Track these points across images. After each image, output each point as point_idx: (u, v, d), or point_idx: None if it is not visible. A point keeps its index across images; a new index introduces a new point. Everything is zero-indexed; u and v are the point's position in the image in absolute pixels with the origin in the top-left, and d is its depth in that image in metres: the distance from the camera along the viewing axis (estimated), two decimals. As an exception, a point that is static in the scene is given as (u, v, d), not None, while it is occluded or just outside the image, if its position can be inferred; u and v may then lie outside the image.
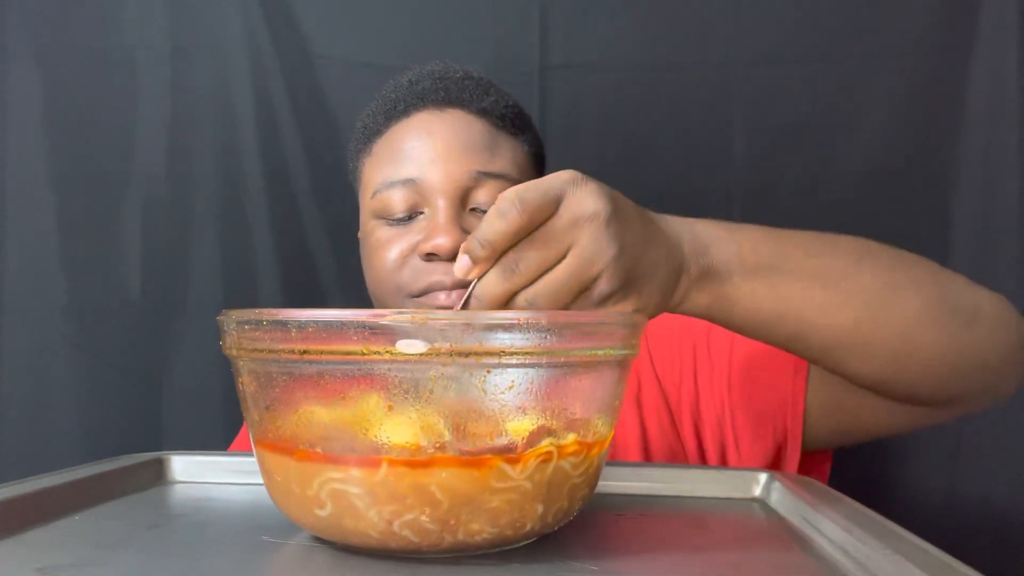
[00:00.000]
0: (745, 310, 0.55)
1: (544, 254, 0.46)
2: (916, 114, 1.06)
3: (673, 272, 0.52)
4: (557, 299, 0.47)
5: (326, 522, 0.42)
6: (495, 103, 0.79)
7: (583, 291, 0.47)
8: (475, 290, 0.47)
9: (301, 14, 1.13)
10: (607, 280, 0.47)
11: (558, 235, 0.47)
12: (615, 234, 0.47)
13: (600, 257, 0.47)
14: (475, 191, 0.74)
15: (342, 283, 1.13)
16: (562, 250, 0.47)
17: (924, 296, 0.58)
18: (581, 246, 0.47)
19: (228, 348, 0.45)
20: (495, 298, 0.47)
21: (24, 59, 1.10)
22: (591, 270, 0.47)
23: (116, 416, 1.10)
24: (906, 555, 0.39)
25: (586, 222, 0.47)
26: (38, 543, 0.46)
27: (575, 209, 0.47)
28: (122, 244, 1.11)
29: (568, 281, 0.47)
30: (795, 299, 0.55)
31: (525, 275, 0.46)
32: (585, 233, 0.47)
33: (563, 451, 0.42)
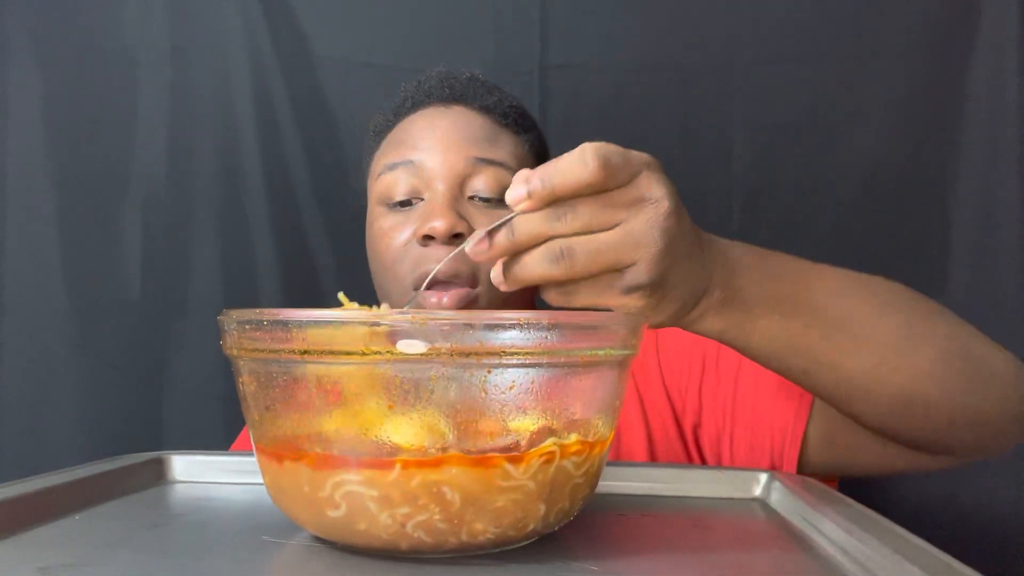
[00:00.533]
0: (759, 341, 0.55)
1: (598, 216, 0.45)
2: (916, 114, 1.06)
3: (698, 291, 0.51)
4: (590, 261, 0.45)
5: (338, 523, 0.42)
6: (498, 102, 0.82)
7: (615, 270, 0.46)
8: (513, 222, 0.46)
9: (301, 14, 1.13)
10: (644, 270, 0.46)
11: (618, 205, 0.46)
12: (668, 230, 0.46)
13: (647, 244, 0.46)
14: (473, 178, 0.76)
15: (342, 283, 1.13)
16: (614, 221, 0.46)
17: (938, 349, 0.58)
18: (634, 225, 0.46)
19: (228, 348, 0.45)
20: (530, 235, 0.46)
21: (24, 59, 1.10)
22: (633, 253, 0.46)
23: (116, 416, 1.10)
24: (906, 555, 0.39)
25: (649, 206, 0.46)
26: (38, 543, 0.46)
27: (644, 189, 0.46)
28: (122, 244, 1.11)
29: (608, 251, 0.46)
30: (812, 338, 0.55)
31: (570, 227, 0.45)
32: (643, 216, 0.46)
33: (566, 451, 0.42)
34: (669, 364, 0.79)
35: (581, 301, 0.47)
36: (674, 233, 0.47)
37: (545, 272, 0.46)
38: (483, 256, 0.47)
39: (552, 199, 0.45)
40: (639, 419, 0.78)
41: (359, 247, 0.90)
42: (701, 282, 0.51)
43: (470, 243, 0.47)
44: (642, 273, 0.46)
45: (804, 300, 0.55)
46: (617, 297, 0.47)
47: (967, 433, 0.60)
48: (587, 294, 0.47)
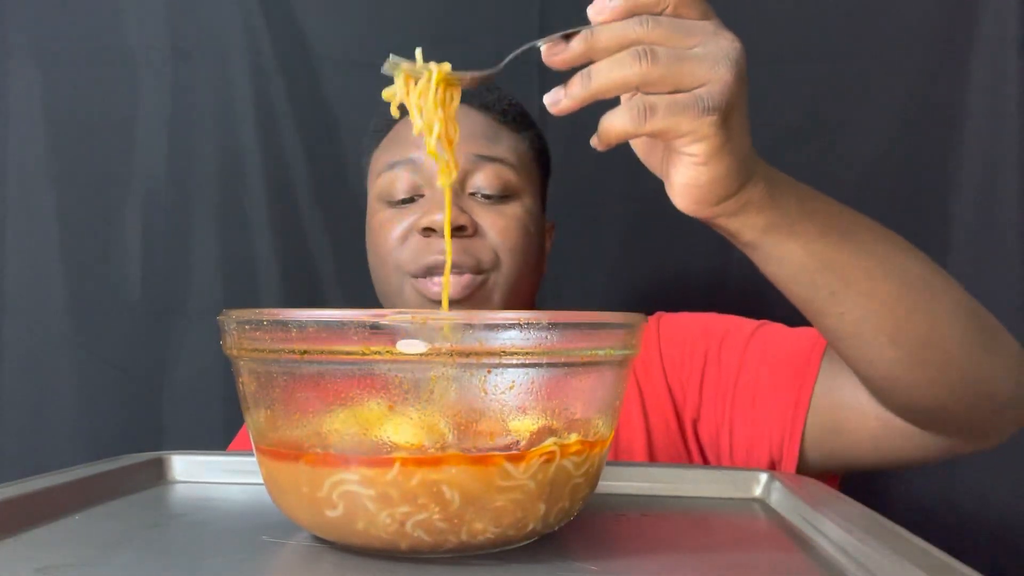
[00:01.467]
0: (795, 248, 0.54)
1: (678, 31, 0.45)
2: (916, 114, 1.05)
3: (747, 167, 0.50)
4: (671, 64, 0.45)
5: (337, 523, 0.42)
6: (497, 100, 0.83)
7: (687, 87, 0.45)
8: (592, 27, 0.46)
9: (301, 14, 1.12)
10: (719, 91, 0.45)
11: (695, 31, 0.46)
12: (740, 63, 0.47)
13: (724, 67, 0.46)
14: (474, 175, 0.78)
15: (342, 283, 1.13)
16: (693, 42, 0.46)
17: (960, 303, 0.58)
18: (712, 48, 0.46)
19: (228, 348, 0.45)
20: (611, 37, 0.45)
21: (24, 59, 1.10)
22: (710, 72, 0.45)
23: (116, 416, 1.10)
24: (906, 555, 0.39)
25: (725, 38, 0.46)
26: (38, 543, 0.46)
27: (719, 26, 0.47)
28: (122, 244, 1.11)
29: (688, 63, 0.45)
30: (844, 256, 0.55)
31: (651, 33, 0.45)
32: (721, 42, 0.46)
33: (566, 450, 0.42)
34: (671, 356, 0.79)
35: (657, 121, 0.46)
36: (743, 71, 0.47)
37: (623, 73, 0.45)
38: (558, 58, 0.47)
39: (633, 12, 0.45)
40: (639, 414, 0.78)
41: (359, 247, 0.90)
42: (749, 161, 0.50)
43: (544, 44, 0.47)
44: (717, 92, 0.46)
45: (837, 222, 0.55)
46: (692, 118, 0.46)
47: (973, 400, 0.60)
48: (665, 111, 0.45)
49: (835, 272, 0.55)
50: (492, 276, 0.77)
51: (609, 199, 1.12)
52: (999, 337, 0.60)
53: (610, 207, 1.12)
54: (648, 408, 0.78)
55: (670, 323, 0.82)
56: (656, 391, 0.79)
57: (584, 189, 1.10)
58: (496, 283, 0.78)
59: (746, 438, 0.72)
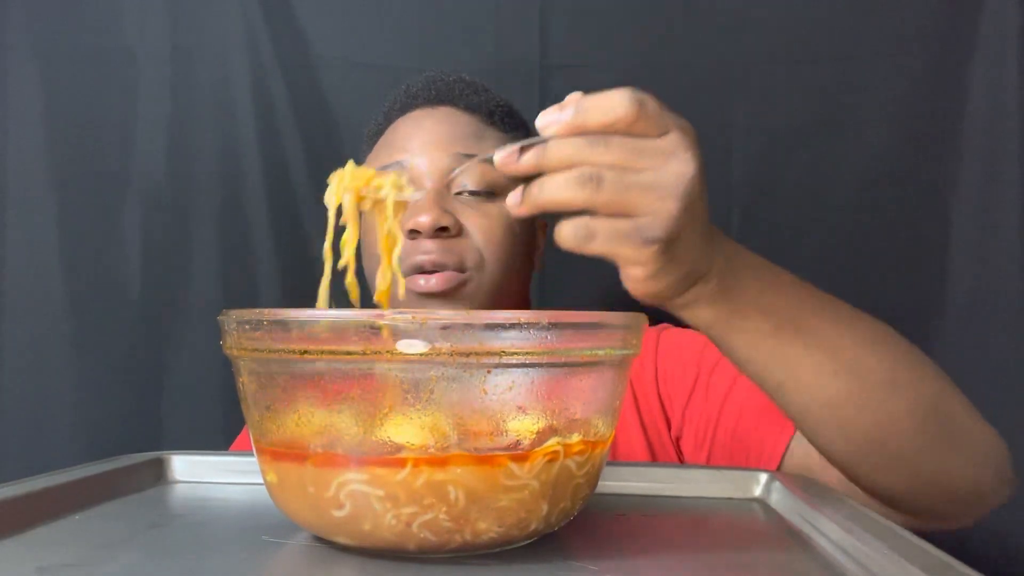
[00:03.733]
0: (742, 343, 0.55)
1: (629, 155, 0.45)
2: (916, 114, 1.05)
3: (698, 271, 0.51)
4: (615, 193, 0.45)
5: (342, 523, 0.42)
6: (484, 101, 0.84)
7: (632, 216, 0.46)
8: (546, 143, 0.46)
9: (301, 14, 1.12)
10: (662, 223, 0.46)
11: (647, 153, 0.46)
12: (691, 192, 0.46)
13: (670, 198, 0.46)
14: (460, 175, 0.78)
15: (342, 283, 1.13)
16: (643, 166, 0.45)
17: (917, 401, 0.57)
18: (661, 176, 0.46)
19: (229, 348, 0.45)
20: (561, 157, 0.46)
21: (24, 58, 1.10)
22: (657, 203, 0.46)
23: (116, 416, 1.10)
24: (906, 555, 0.39)
25: (678, 162, 0.46)
26: (38, 543, 0.46)
27: (675, 146, 0.46)
28: (122, 244, 1.11)
29: (634, 191, 0.45)
30: (793, 353, 0.55)
31: (601, 158, 0.45)
32: (671, 169, 0.46)
33: (569, 450, 0.42)
34: (665, 369, 0.80)
35: (597, 246, 0.47)
36: (695, 197, 0.47)
37: (568, 196, 0.46)
38: (510, 167, 0.47)
39: (584, 129, 0.45)
40: (636, 422, 0.79)
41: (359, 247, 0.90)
42: (703, 264, 0.51)
43: (499, 154, 0.47)
44: (659, 225, 0.46)
45: (795, 316, 0.55)
46: (632, 247, 0.46)
47: (932, 493, 0.59)
48: (604, 238, 0.46)
49: (781, 367, 0.55)
50: (476, 276, 0.78)
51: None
52: (965, 433, 0.59)
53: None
54: (643, 414, 0.79)
55: (670, 337, 0.82)
56: (648, 400, 0.80)
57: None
58: (480, 283, 0.78)
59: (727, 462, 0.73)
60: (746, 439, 0.71)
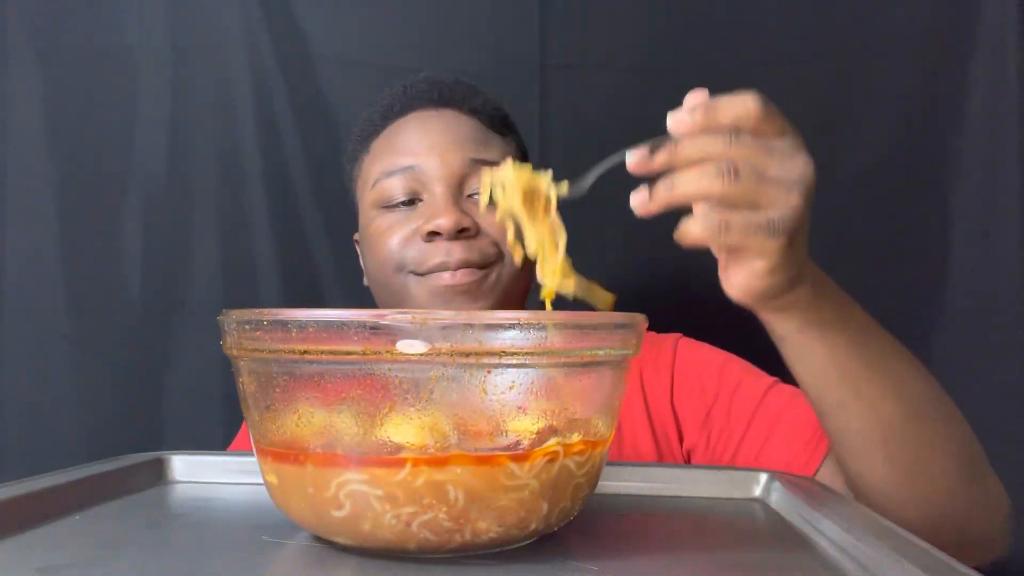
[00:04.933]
0: (820, 354, 0.56)
1: (760, 150, 0.48)
2: (916, 113, 1.05)
3: (800, 275, 0.53)
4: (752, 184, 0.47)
5: (342, 523, 0.42)
6: (484, 104, 0.84)
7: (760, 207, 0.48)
8: (677, 140, 0.48)
9: (301, 14, 1.12)
10: (791, 215, 0.48)
11: (774, 151, 0.48)
12: (810, 190, 0.48)
13: (798, 192, 0.48)
14: (470, 178, 0.79)
15: (342, 283, 1.13)
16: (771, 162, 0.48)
17: (957, 434, 0.60)
18: (789, 171, 0.48)
19: (229, 348, 0.45)
20: (695, 150, 0.48)
21: (24, 59, 1.10)
22: (786, 196, 0.48)
23: (116, 416, 1.10)
24: (906, 555, 0.39)
25: (802, 162, 0.48)
26: (38, 543, 0.46)
27: (797, 147, 0.49)
28: (122, 244, 1.11)
29: (768, 183, 0.47)
30: (862, 373, 0.57)
31: (734, 150, 0.47)
32: (798, 166, 0.48)
33: (569, 450, 0.42)
34: (682, 384, 0.80)
35: (732, 238, 0.48)
36: (812, 196, 0.49)
37: (705, 187, 0.47)
38: (642, 166, 0.49)
39: (714, 126, 0.48)
40: (646, 425, 0.79)
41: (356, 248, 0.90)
42: (804, 268, 0.53)
43: (631, 156, 0.49)
44: (788, 219, 0.48)
45: (866, 336, 0.57)
46: (762, 239, 0.48)
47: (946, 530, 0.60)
48: (739, 230, 0.48)
49: (849, 383, 0.57)
50: (495, 270, 0.79)
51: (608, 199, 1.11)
52: (986, 478, 0.62)
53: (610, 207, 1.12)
54: (653, 419, 0.79)
55: (688, 350, 0.83)
56: (661, 408, 0.80)
57: (584, 189, 1.10)
58: (499, 277, 0.79)
59: None
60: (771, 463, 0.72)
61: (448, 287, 0.77)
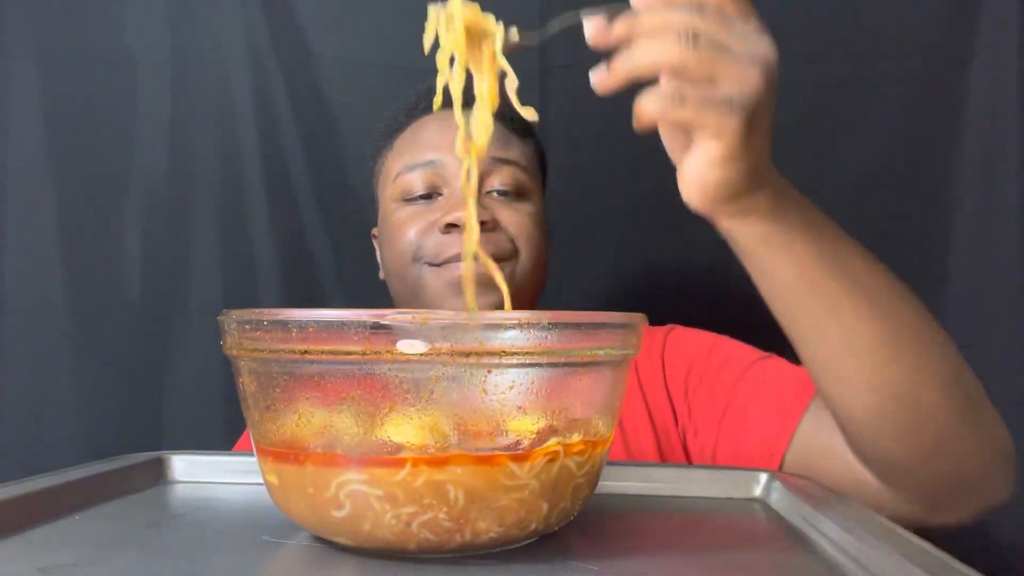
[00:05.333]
0: (788, 262, 0.53)
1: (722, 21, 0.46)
2: (916, 114, 1.05)
3: (760, 173, 0.50)
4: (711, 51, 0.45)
5: (342, 523, 0.42)
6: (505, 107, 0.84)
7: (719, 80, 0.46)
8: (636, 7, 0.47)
9: (301, 14, 1.12)
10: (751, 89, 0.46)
11: (737, 28, 0.46)
12: (774, 70, 0.47)
13: (759, 68, 0.46)
14: (491, 176, 0.81)
15: (342, 283, 1.13)
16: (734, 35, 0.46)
17: (947, 366, 0.56)
18: (751, 46, 0.46)
19: (229, 348, 0.45)
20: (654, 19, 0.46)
21: (25, 59, 1.10)
22: (748, 69, 0.46)
23: (116, 416, 1.10)
24: (906, 555, 0.39)
25: (765, 43, 0.47)
26: (38, 543, 0.46)
27: (760, 29, 0.47)
28: (122, 244, 1.11)
29: (727, 53, 0.45)
30: (835, 288, 0.54)
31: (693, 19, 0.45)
32: (761, 44, 0.47)
33: (569, 450, 0.42)
34: (672, 367, 0.81)
35: (685, 111, 0.46)
36: (774, 81, 0.47)
37: (662, 54, 0.46)
38: (601, 37, 0.48)
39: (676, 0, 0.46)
40: (645, 419, 0.79)
41: (359, 247, 0.90)
42: (763, 168, 0.50)
43: (589, 26, 0.48)
44: (747, 95, 0.46)
45: (837, 250, 0.54)
46: (719, 115, 0.46)
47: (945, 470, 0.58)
48: (694, 103, 0.46)
49: (822, 299, 0.54)
50: (511, 265, 0.79)
51: (608, 199, 1.12)
52: (982, 412, 0.58)
53: (610, 207, 1.12)
54: (653, 414, 0.79)
55: (678, 336, 0.83)
56: (658, 399, 0.80)
57: (584, 189, 1.10)
58: (514, 272, 0.80)
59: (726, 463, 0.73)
60: (752, 432, 0.71)
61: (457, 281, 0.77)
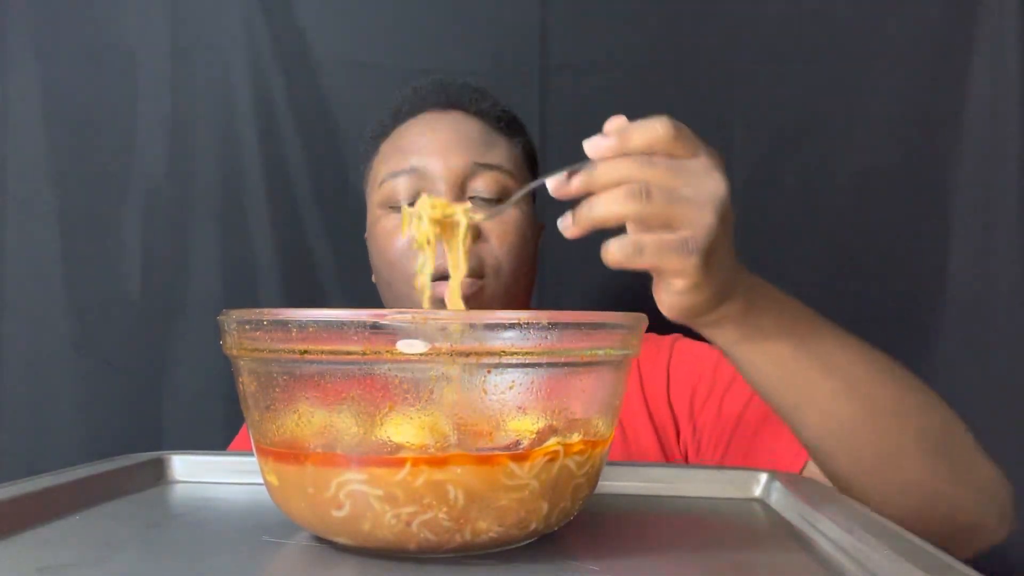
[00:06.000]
0: (764, 363, 0.57)
1: (672, 172, 0.49)
2: (916, 114, 1.05)
3: (726, 289, 0.53)
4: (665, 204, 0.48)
5: (342, 523, 0.42)
6: (491, 107, 0.85)
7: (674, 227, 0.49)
8: (595, 165, 0.50)
9: (301, 14, 1.12)
10: (704, 234, 0.49)
11: (686, 171, 0.49)
12: (725, 206, 0.50)
13: (710, 211, 0.49)
14: (473, 180, 0.80)
15: (342, 283, 1.13)
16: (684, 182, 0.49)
17: (926, 430, 0.59)
18: (701, 190, 0.49)
19: (229, 348, 0.45)
20: (610, 175, 0.49)
21: (24, 59, 1.10)
22: (699, 215, 0.49)
23: (116, 416, 1.10)
24: (906, 555, 0.39)
25: (713, 181, 0.49)
26: (38, 543, 0.46)
27: (709, 166, 0.50)
28: (122, 244, 1.11)
29: (681, 203, 0.48)
30: (811, 377, 0.57)
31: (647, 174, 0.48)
32: (710, 185, 0.49)
33: (569, 450, 0.42)
34: (677, 379, 0.81)
35: (646, 259, 0.49)
36: (727, 213, 0.50)
37: (619, 209, 0.48)
38: (561, 191, 0.51)
39: (627, 150, 0.49)
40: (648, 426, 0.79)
41: (359, 247, 0.90)
42: (731, 283, 0.53)
43: (551, 182, 0.51)
44: (701, 236, 0.49)
45: (811, 341, 0.57)
46: (678, 258, 0.49)
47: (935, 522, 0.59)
48: (652, 251, 0.49)
49: (799, 389, 0.57)
50: (492, 282, 0.78)
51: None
52: (969, 468, 0.60)
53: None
54: (655, 419, 0.79)
55: (683, 349, 0.83)
56: (659, 405, 0.80)
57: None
58: (496, 288, 0.79)
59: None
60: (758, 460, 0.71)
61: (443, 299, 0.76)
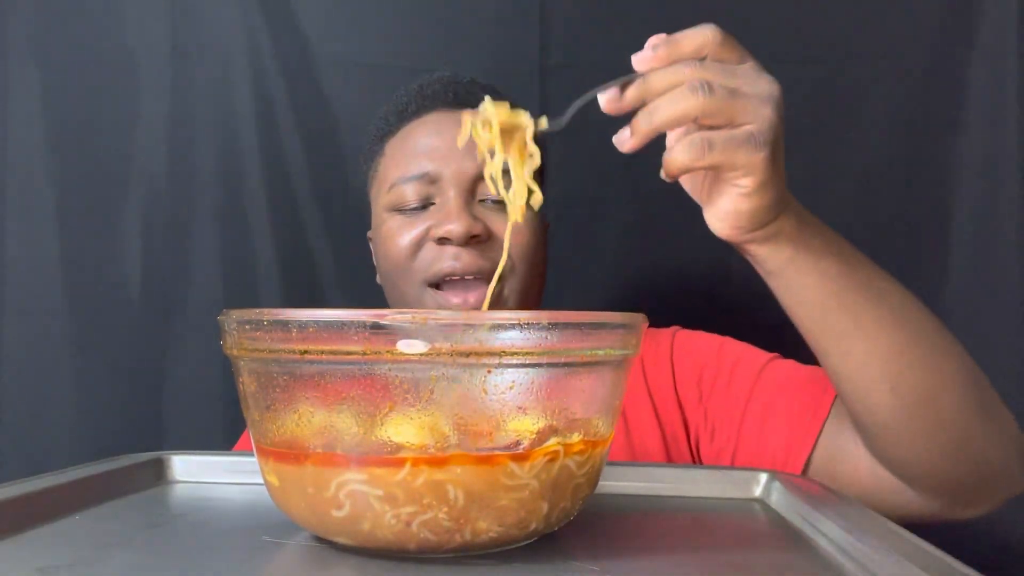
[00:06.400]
0: (816, 281, 0.56)
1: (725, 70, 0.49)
2: (916, 114, 1.05)
3: (784, 199, 0.53)
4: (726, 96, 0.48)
5: (342, 523, 0.42)
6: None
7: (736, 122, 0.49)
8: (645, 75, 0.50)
9: (301, 14, 1.12)
10: (768, 127, 0.49)
11: (738, 73, 0.49)
12: (780, 105, 0.50)
13: (770, 106, 0.49)
14: (482, 183, 0.78)
15: (342, 283, 1.13)
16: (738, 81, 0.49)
17: (962, 368, 0.59)
18: (757, 88, 0.49)
19: (229, 348, 0.45)
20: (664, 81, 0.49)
21: (24, 59, 1.10)
22: (760, 108, 0.49)
23: (116, 416, 1.10)
24: (906, 555, 0.39)
25: (767, 81, 0.50)
26: (38, 543, 0.46)
27: (759, 70, 0.50)
28: (122, 243, 1.11)
29: (739, 98, 0.48)
30: (859, 301, 0.57)
31: (701, 72, 0.49)
32: (764, 84, 0.50)
33: (569, 450, 0.42)
34: (682, 370, 0.80)
35: (716, 155, 0.49)
36: (783, 112, 0.50)
37: (682, 107, 0.48)
38: (614, 105, 0.51)
39: (678, 56, 0.49)
40: (655, 426, 0.79)
41: (359, 247, 0.90)
42: (786, 195, 0.54)
43: (603, 97, 0.51)
44: (766, 131, 0.49)
45: (857, 265, 0.58)
46: (746, 152, 0.49)
47: (964, 464, 0.60)
48: (722, 146, 0.49)
49: (847, 313, 0.57)
50: (508, 283, 0.78)
51: (609, 199, 1.12)
52: (997, 410, 0.61)
53: (610, 207, 1.12)
54: (660, 414, 0.79)
55: (685, 339, 0.83)
56: (666, 401, 0.80)
57: (584, 189, 1.10)
58: (512, 290, 0.78)
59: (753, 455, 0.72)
60: (776, 432, 0.71)
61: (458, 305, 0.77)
